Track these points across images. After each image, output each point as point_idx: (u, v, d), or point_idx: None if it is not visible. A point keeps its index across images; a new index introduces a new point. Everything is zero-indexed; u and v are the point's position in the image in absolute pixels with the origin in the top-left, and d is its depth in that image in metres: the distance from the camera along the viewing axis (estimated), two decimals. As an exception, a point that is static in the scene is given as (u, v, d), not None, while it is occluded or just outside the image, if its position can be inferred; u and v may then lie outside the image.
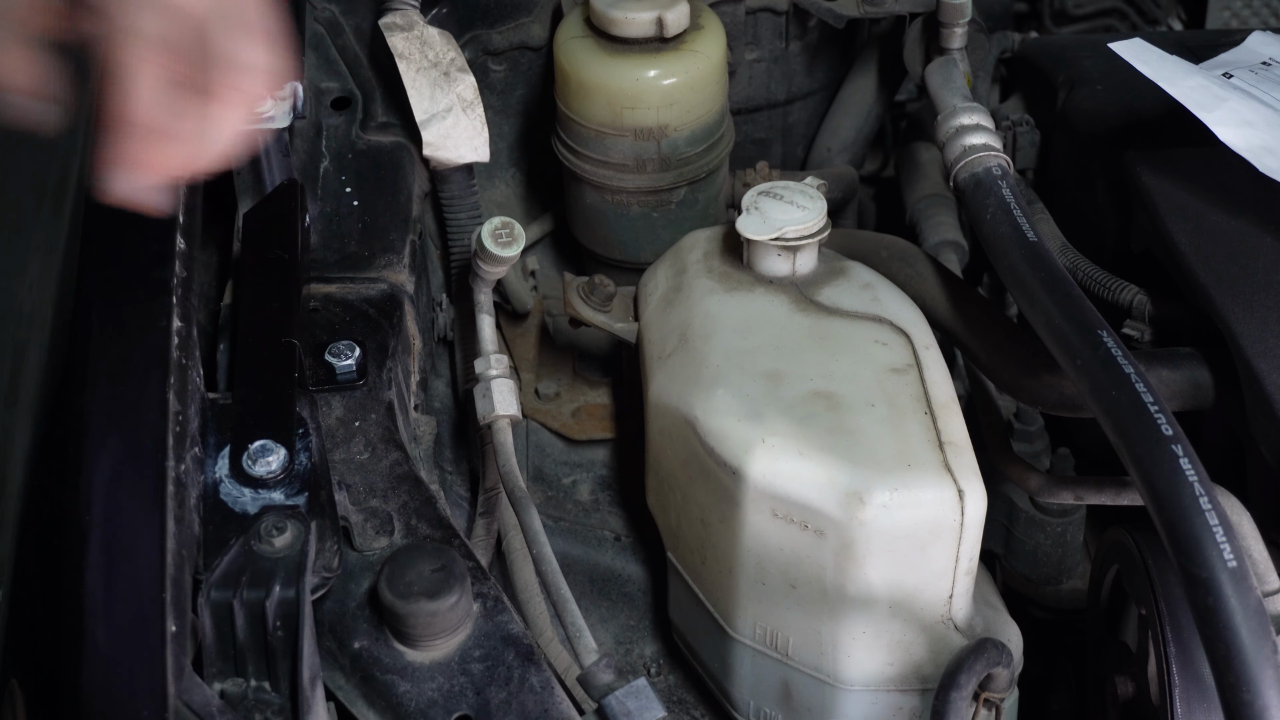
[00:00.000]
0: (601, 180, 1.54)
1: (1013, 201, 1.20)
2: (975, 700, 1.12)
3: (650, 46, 1.49)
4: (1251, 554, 1.11)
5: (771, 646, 1.23)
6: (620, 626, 1.47)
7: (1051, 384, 1.24)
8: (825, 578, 1.16)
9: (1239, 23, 2.00)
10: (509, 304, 1.62)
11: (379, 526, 1.12)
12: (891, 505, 1.12)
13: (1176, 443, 0.95)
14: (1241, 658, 0.86)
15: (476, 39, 1.63)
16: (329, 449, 1.16)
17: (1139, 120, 1.44)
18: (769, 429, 1.17)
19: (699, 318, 1.29)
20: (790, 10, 1.66)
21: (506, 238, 1.31)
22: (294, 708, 0.97)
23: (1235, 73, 1.30)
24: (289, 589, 0.98)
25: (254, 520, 1.03)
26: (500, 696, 1.02)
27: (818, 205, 1.30)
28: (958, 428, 1.17)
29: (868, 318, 1.27)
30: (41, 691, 0.95)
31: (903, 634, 1.18)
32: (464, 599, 1.04)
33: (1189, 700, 1.09)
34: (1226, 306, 1.17)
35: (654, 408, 1.29)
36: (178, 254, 1.14)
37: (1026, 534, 1.44)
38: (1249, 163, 1.19)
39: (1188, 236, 1.25)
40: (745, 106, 1.71)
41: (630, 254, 1.59)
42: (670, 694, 1.41)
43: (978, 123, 1.28)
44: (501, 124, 1.68)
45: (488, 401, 1.31)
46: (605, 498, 1.56)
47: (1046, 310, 1.10)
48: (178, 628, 0.93)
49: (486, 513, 1.41)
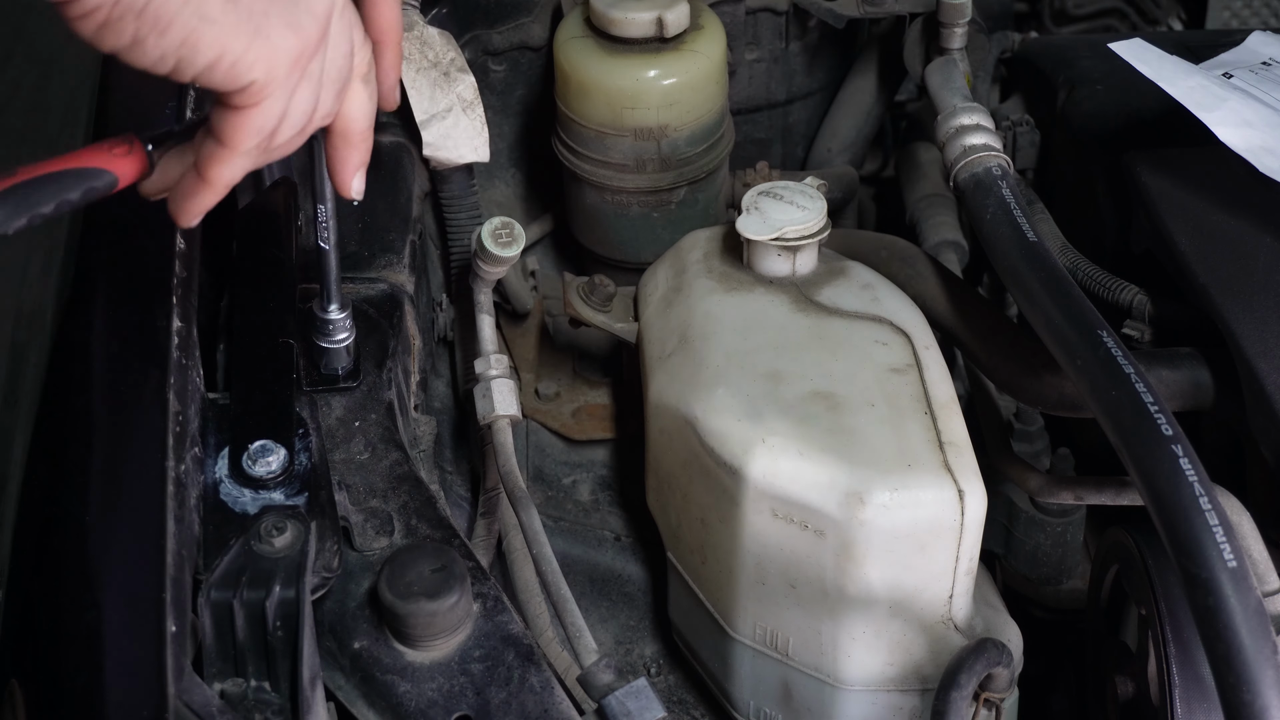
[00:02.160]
0: (601, 180, 1.54)
1: (1013, 201, 1.21)
2: (975, 700, 1.12)
3: (650, 46, 1.49)
4: (1251, 554, 1.11)
5: (771, 646, 1.23)
6: (620, 626, 1.47)
7: (1051, 384, 1.24)
8: (825, 578, 1.16)
9: (1239, 23, 2.00)
10: (509, 304, 1.62)
11: (379, 526, 1.12)
12: (891, 505, 1.12)
13: (1176, 443, 0.95)
14: (1241, 658, 0.86)
15: (476, 39, 1.62)
16: (329, 449, 1.16)
17: (1139, 120, 1.44)
18: (769, 429, 1.17)
19: (699, 318, 1.29)
20: (790, 10, 1.66)
21: (506, 238, 1.31)
22: (294, 708, 0.97)
23: (1235, 73, 1.30)
24: (289, 589, 0.98)
25: (254, 520, 1.03)
26: (500, 696, 1.02)
27: (818, 205, 1.30)
28: (958, 428, 1.17)
29: (868, 318, 1.27)
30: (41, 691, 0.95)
31: (903, 634, 1.18)
32: (464, 599, 1.04)
33: (1189, 700, 1.09)
34: (1226, 306, 1.17)
35: (654, 408, 1.29)
36: (178, 254, 1.14)
37: (1026, 534, 1.44)
38: (1249, 163, 1.19)
39: (1188, 236, 1.25)
40: (745, 106, 1.71)
41: (630, 254, 1.59)
42: (670, 694, 1.41)
43: (978, 123, 1.28)
44: (501, 124, 1.68)
45: (488, 401, 1.31)
46: (605, 498, 1.56)
47: (1046, 310, 1.10)
48: (178, 628, 0.93)
49: (487, 513, 1.41)
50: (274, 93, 0.88)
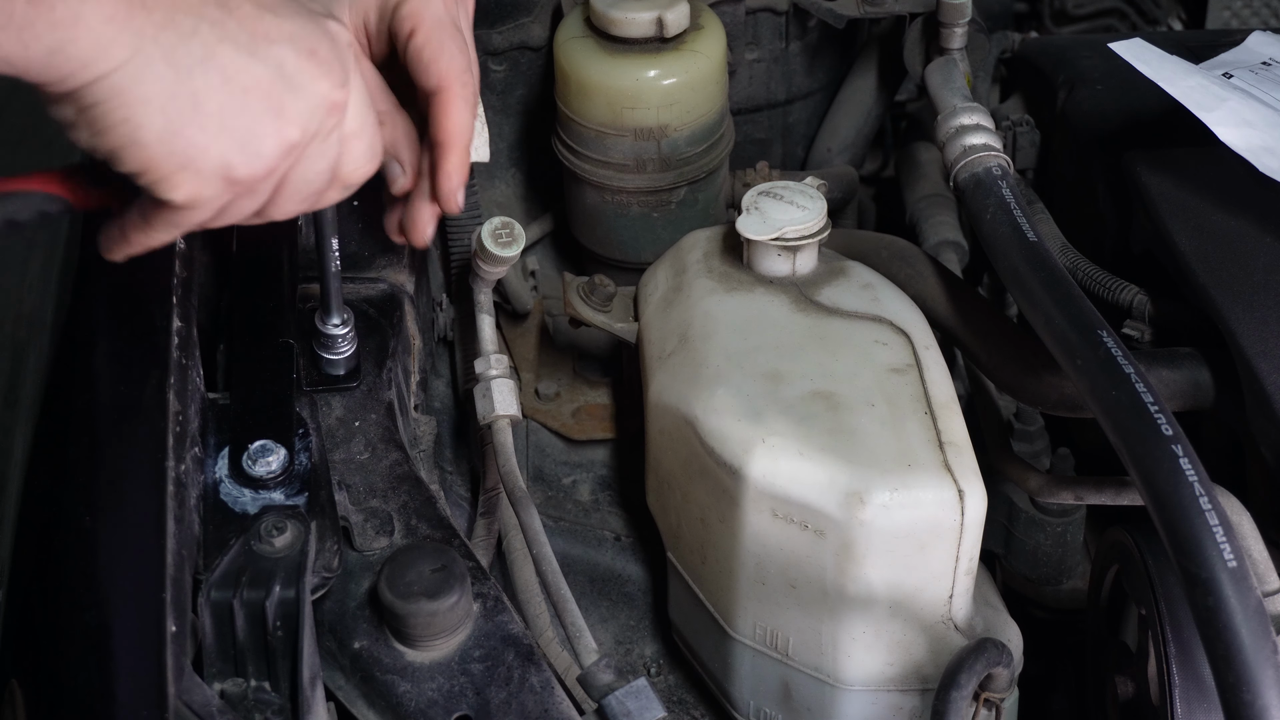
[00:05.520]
0: (601, 180, 1.54)
1: (1013, 201, 1.20)
2: (975, 700, 1.12)
3: (650, 46, 1.49)
4: (1251, 554, 1.11)
5: (771, 646, 1.23)
6: (620, 626, 1.47)
7: (1051, 384, 1.24)
8: (825, 578, 1.16)
9: (1239, 23, 2.00)
10: (509, 304, 1.62)
11: (379, 526, 1.12)
12: (891, 505, 1.12)
13: (1176, 443, 0.95)
14: (1241, 658, 0.86)
15: (476, 39, 1.62)
16: (329, 449, 1.16)
17: (1139, 120, 1.44)
18: (769, 429, 1.17)
19: (699, 318, 1.29)
20: (790, 10, 1.66)
21: (506, 238, 1.31)
22: (294, 708, 0.97)
23: (1235, 73, 1.30)
24: (289, 589, 0.98)
25: (254, 520, 1.03)
26: (500, 696, 1.02)
27: (818, 205, 1.30)
28: (958, 428, 1.17)
29: (868, 318, 1.27)
30: (41, 691, 0.95)
31: (903, 634, 1.18)
32: (464, 599, 1.04)
33: (1189, 700, 1.09)
34: (1226, 306, 1.17)
35: (654, 408, 1.29)
36: (178, 254, 1.14)
37: (1026, 534, 1.44)
38: (1249, 163, 1.19)
39: (1188, 236, 1.25)
40: (745, 106, 1.71)
41: (630, 254, 1.59)
42: (670, 694, 1.41)
43: (978, 123, 1.28)
44: (501, 124, 1.68)
45: (488, 401, 1.31)
46: (605, 498, 1.56)
47: (1046, 310, 1.10)
48: (178, 628, 0.93)
49: (487, 513, 1.41)
50: (197, 208, 0.87)
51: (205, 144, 0.84)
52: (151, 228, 0.90)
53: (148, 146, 0.83)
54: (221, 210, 0.89)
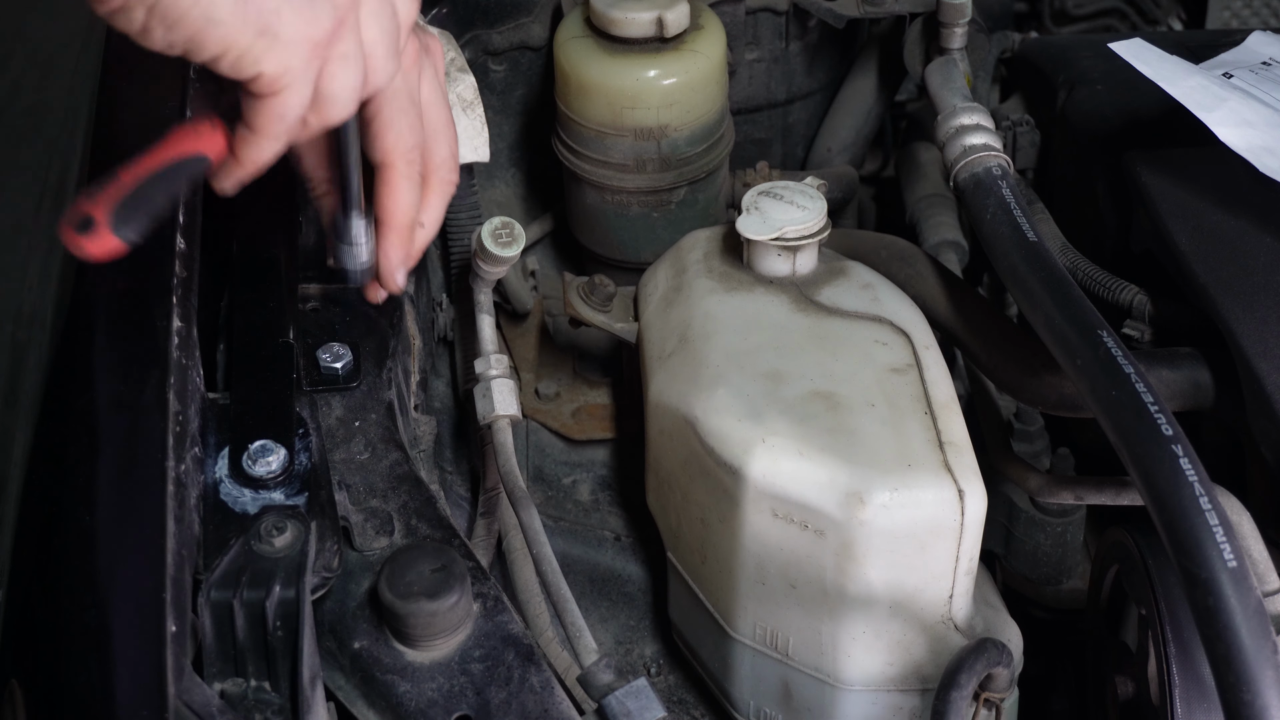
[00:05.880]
0: (601, 180, 1.54)
1: (1013, 201, 1.20)
2: (975, 700, 1.12)
3: (650, 46, 1.49)
4: (1251, 554, 1.11)
5: (771, 646, 1.23)
6: (620, 626, 1.47)
7: (1051, 384, 1.24)
8: (825, 578, 1.16)
9: (1239, 23, 2.00)
10: (509, 304, 1.62)
11: (379, 526, 1.12)
12: (891, 505, 1.12)
13: (1176, 443, 0.95)
14: (1241, 658, 0.86)
15: (476, 39, 1.62)
16: (329, 449, 1.16)
17: (1139, 120, 1.44)
18: (769, 429, 1.17)
19: (699, 318, 1.29)
20: (790, 10, 1.66)
21: (506, 238, 1.31)
22: (294, 708, 0.97)
23: (1235, 73, 1.30)
24: (289, 589, 0.98)
25: (254, 520, 1.03)
26: (500, 696, 1.02)
27: (818, 205, 1.30)
28: (958, 428, 1.17)
29: (868, 318, 1.27)
30: (41, 691, 0.95)
31: (903, 634, 1.18)
32: (464, 599, 1.04)
33: (1189, 700, 1.09)
34: (1226, 306, 1.17)
35: (654, 408, 1.29)
36: (178, 254, 1.14)
37: (1026, 534, 1.44)
38: (1249, 163, 1.19)
39: (1188, 236, 1.25)
40: (745, 106, 1.71)
41: (630, 254, 1.59)
42: (670, 694, 1.41)
43: (978, 123, 1.28)
44: (501, 124, 1.68)
45: (488, 401, 1.31)
46: (605, 498, 1.56)
47: (1046, 310, 1.10)
48: (178, 628, 0.93)
49: (487, 513, 1.41)
50: (290, 83, 0.89)
51: (276, 6, 0.87)
52: (256, 133, 0.92)
53: (223, 23, 0.85)
54: (320, 92, 0.91)
